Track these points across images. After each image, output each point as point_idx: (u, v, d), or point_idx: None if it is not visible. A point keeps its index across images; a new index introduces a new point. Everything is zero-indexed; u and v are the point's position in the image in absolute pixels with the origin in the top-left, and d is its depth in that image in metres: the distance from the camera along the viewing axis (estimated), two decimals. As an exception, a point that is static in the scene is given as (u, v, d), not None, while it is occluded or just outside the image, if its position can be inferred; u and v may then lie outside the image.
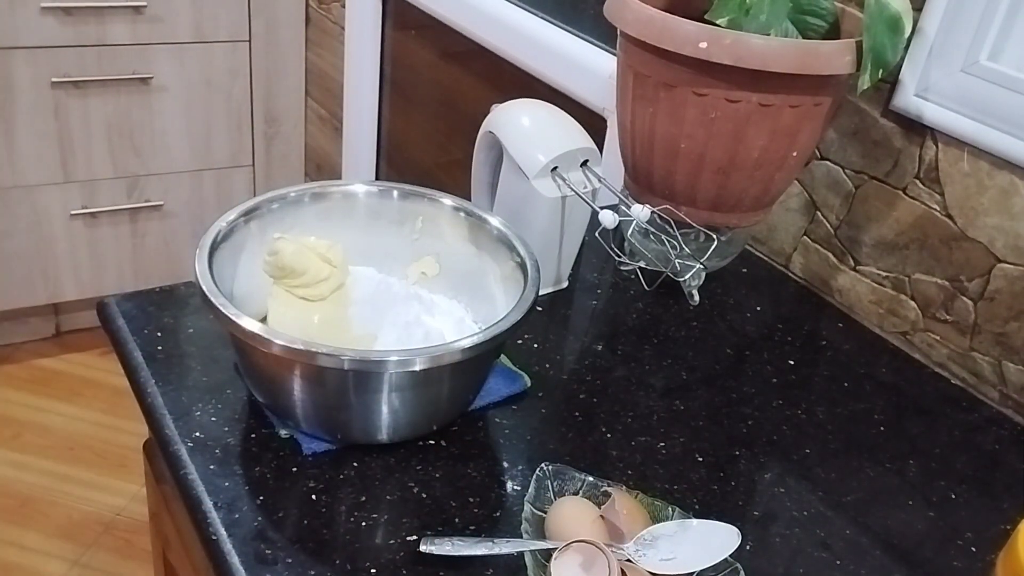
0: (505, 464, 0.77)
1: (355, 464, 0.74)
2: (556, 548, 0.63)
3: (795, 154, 0.93)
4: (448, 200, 0.88)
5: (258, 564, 0.64)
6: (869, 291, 1.04)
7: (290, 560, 0.65)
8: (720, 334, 0.99)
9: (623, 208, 0.91)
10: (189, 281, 0.74)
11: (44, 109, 1.99)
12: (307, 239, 0.81)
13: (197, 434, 0.74)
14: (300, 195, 0.86)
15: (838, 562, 0.71)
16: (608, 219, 0.89)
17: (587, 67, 1.37)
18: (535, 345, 0.91)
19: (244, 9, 2.11)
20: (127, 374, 0.82)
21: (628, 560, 0.64)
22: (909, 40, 0.89)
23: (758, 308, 1.05)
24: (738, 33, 0.85)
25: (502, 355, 0.85)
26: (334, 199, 0.88)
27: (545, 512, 0.69)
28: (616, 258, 1.03)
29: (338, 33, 2.10)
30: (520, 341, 0.91)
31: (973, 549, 0.74)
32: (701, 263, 0.91)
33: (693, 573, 0.65)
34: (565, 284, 1.01)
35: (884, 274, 1.03)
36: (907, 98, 0.95)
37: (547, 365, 0.89)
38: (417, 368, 0.68)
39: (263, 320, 0.79)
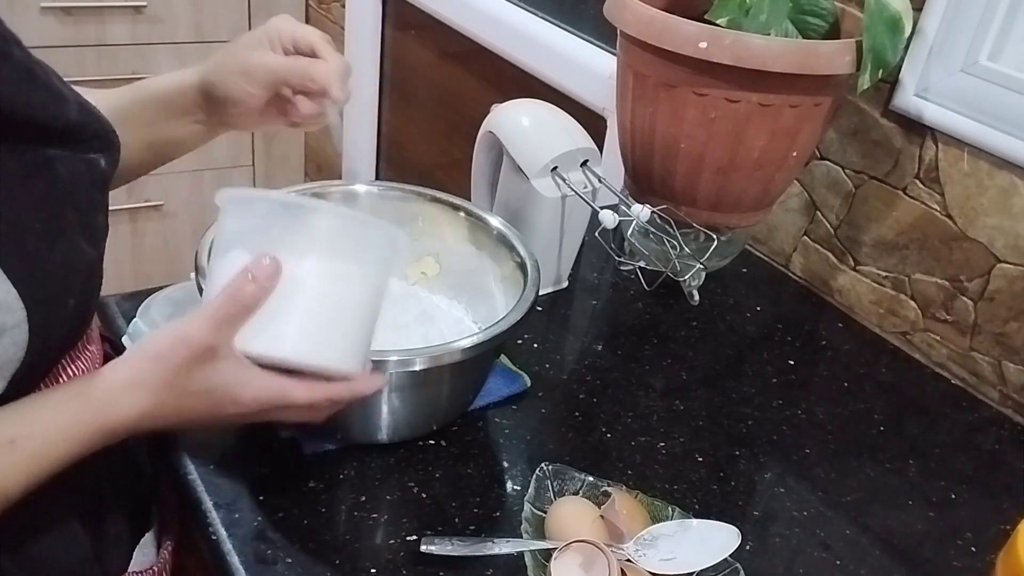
0: (505, 464, 0.77)
1: (355, 464, 0.74)
2: (556, 548, 0.63)
3: (795, 154, 0.93)
4: (448, 200, 0.88)
5: (258, 564, 0.64)
6: (869, 291, 1.04)
7: (290, 560, 0.65)
8: (720, 334, 0.99)
9: (623, 208, 0.91)
10: (189, 281, 0.74)
11: (44, 109, 1.99)
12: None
13: (197, 434, 0.74)
14: (300, 195, 0.86)
15: (838, 562, 0.71)
16: (608, 219, 0.89)
17: (587, 67, 1.37)
18: (535, 345, 0.91)
19: (244, 9, 2.11)
20: (127, 374, 0.82)
21: (628, 560, 0.64)
22: (909, 40, 0.89)
23: (758, 308, 1.05)
24: (738, 33, 0.85)
25: (502, 355, 0.85)
26: (334, 199, 0.88)
27: (545, 512, 0.69)
28: (616, 258, 1.03)
29: (338, 33, 2.10)
30: (520, 341, 0.91)
31: (973, 549, 0.74)
32: (701, 263, 0.91)
33: (693, 573, 0.65)
34: (565, 284, 1.01)
35: (884, 274, 1.03)
36: (907, 98, 0.95)
37: (547, 365, 0.89)
38: (417, 368, 0.68)
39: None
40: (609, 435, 0.81)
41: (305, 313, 0.57)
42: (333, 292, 0.58)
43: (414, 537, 0.67)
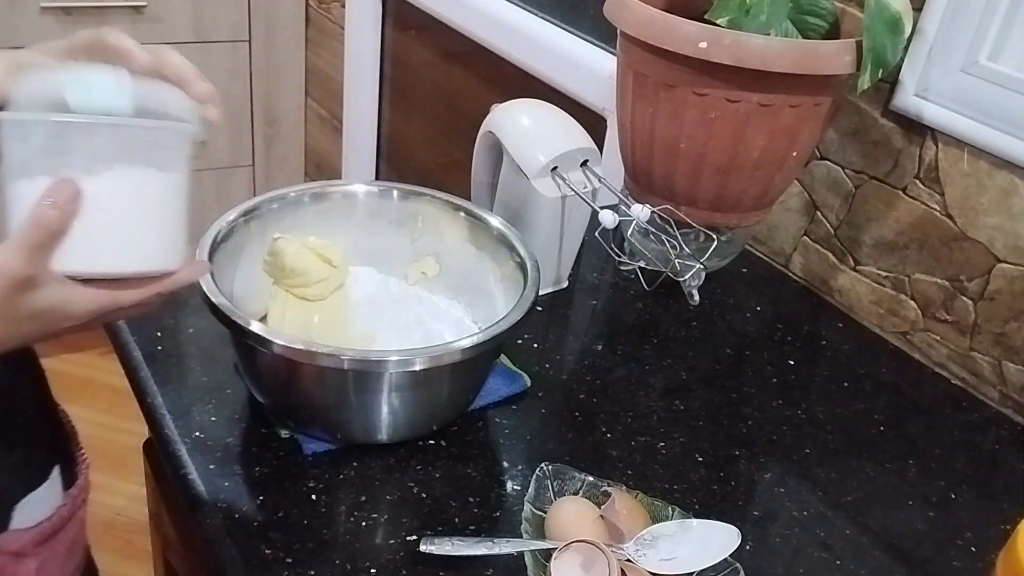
0: (505, 464, 0.77)
1: (355, 464, 0.74)
2: (556, 548, 0.63)
3: (795, 154, 0.93)
4: (448, 200, 0.88)
5: (258, 564, 0.64)
6: (869, 291, 1.04)
7: (290, 560, 0.65)
8: (720, 334, 0.99)
9: (623, 208, 0.91)
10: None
11: (44, 109, 1.99)
12: (307, 239, 0.82)
13: (197, 434, 0.74)
14: (300, 195, 0.86)
15: (838, 562, 0.71)
16: (608, 219, 0.89)
17: (587, 67, 1.37)
18: (535, 345, 0.91)
19: (244, 9, 2.11)
20: (127, 374, 0.82)
21: (628, 560, 0.64)
22: (909, 40, 0.89)
23: (758, 308, 1.05)
24: (738, 33, 0.85)
25: (502, 355, 0.85)
26: (334, 199, 0.88)
27: (545, 512, 0.69)
28: (616, 258, 1.03)
29: (338, 33, 2.10)
30: (520, 341, 0.91)
31: (973, 549, 0.74)
32: (701, 263, 0.91)
33: (693, 573, 0.65)
34: (565, 284, 1.01)
35: (884, 274, 1.03)
36: (907, 98, 0.95)
37: (547, 365, 0.89)
38: (417, 368, 0.68)
39: (263, 320, 0.79)
40: (609, 435, 0.81)
41: (114, 226, 0.58)
42: (136, 199, 0.59)
43: (414, 537, 0.67)
